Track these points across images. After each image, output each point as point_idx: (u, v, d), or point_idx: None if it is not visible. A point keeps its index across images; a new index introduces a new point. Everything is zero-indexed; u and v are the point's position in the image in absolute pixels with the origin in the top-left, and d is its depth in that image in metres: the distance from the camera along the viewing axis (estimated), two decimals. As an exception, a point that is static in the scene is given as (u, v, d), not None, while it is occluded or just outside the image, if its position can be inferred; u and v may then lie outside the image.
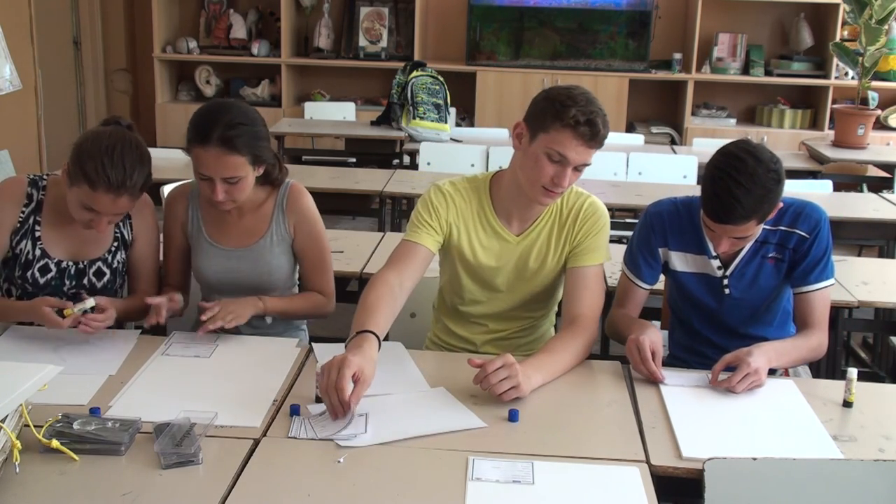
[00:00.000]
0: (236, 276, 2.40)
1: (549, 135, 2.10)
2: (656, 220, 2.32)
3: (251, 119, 2.25)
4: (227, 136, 2.17)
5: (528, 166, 2.15)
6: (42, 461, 1.65)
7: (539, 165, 2.13)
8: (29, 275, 2.28)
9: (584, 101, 2.09)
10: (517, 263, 2.30)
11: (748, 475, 1.65)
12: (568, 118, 2.07)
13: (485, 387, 1.92)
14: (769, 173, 2.04)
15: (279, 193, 2.42)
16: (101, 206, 2.14)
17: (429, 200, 2.28)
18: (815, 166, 5.18)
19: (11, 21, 5.18)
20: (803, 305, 2.26)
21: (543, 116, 2.11)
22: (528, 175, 2.16)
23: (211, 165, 2.20)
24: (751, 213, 2.05)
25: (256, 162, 2.26)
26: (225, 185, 2.22)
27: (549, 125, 2.10)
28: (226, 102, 2.29)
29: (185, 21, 7.19)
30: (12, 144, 5.18)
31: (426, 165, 4.91)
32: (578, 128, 2.07)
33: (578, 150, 2.10)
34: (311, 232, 2.43)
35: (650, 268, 2.34)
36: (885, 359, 3.70)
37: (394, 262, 2.21)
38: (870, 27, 5.18)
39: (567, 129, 2.08)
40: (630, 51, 6.72)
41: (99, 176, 2.09)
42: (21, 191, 2.29)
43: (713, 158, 2.12)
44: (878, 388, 2.22)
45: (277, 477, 1.64)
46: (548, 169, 2.12)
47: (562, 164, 2.11)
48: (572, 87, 2.15)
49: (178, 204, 2.43)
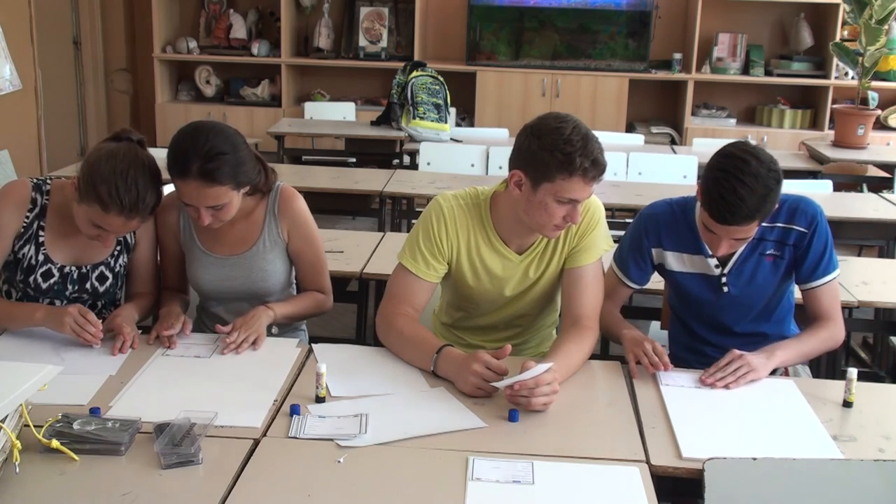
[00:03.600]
0: (232, 283, 2.39)
1: (556, 184, 2.03)
2: (650, 223, 2.32)
3: (232, 146, 2.17)
4: (207, 169, 2.12)
5: (537, 212, 2.09)
6: (42, 461, 1.65)
7: (549, 211, 2.07)
8: (31, 279, 2.27)
9: (580, 141, 2.01)
10: (520, 277, 2.27)
11: (748, 475, 1.65)
12: (575, 169, 2.01)
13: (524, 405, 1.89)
14: (770, 173, 2.05)
15: (270, 198, 2.39)
16: (111, 227, 2.15)
17: (430, 228, 2.21)
18: (815, 166, 5.18)
19: (11, 21, 5.18)
20: (813, 300, 2.28)
21: (546, 168, 2.03)
22: (538, 220, 2.11)
23: (193, 197, 2.17)
24: (755, 213, 2.06)
25: (240, 186, 2.22)
26: (210, 211, 2.20)
27: (554, 176, 2.02)
28: (202, 128, 2.18)
29: (185, 21, 7.18)
30: (12, 144, 5.18)
31: (426, 165, 4.90)
32: (587, 173, 2.02)
33: (587, 190, 2.06)
34: (306, 234, 2.42)
35: (639, 269, 2.36)
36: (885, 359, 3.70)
37: (405, 296, 2.21)
38: (870, 27, 5.18)
39: (576, 177, 2.02)
40: (630, 51, 6.72)
41: (112, 200, 2.09)
42: (25, 195, 2.27)
43: (714, 160, 2.11)
44: (878, 388, 2.22)
45: (277, 477, 1.64)
46: (559, 212, 2.07)
47: (572, 203, 2.07)
48: (560, 124, 2.04)
49: (170, 214, 2.39)
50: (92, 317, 2.14)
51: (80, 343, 2.13)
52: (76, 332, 2.11)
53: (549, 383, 1.89)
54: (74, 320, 2.12)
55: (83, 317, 2.13)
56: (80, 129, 6.98)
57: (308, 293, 2.46)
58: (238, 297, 2.40)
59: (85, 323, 2.12)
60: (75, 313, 2.13)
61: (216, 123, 2.24)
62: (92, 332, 2.12)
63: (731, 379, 2.06)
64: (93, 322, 2.13)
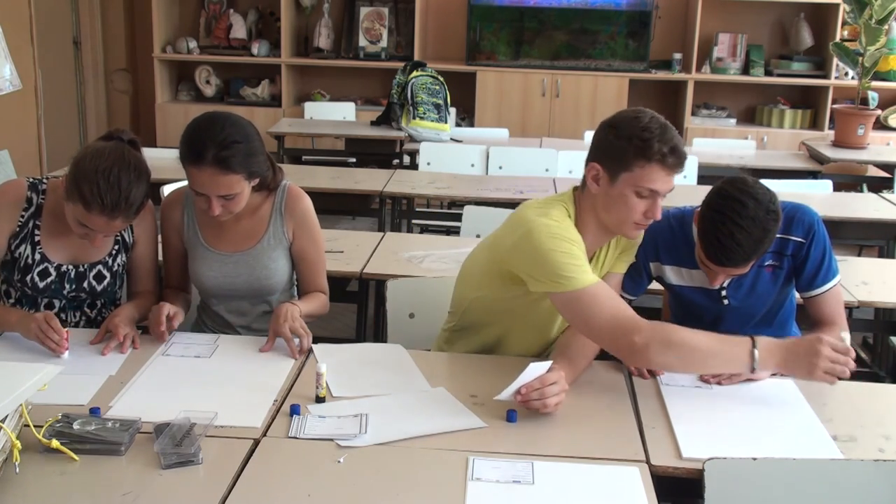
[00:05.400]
0: (234, 280, 2.39)
1: (634, 173, 2.00)
2: (647, 237, 2.29)
3: (245, 135, 2.20)
4: (221, 157, 2.14)
5: (616, 207, 2.05)
6: (42, 461, 1.65)
7: (629, 205, 2.03)
8: (28, 279, 2.27)
9: (658, 129, 2.00)
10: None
11: (748, 475, 1.65)
12: (653, 154, 1.98)
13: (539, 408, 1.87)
14: (769, 214, 2.03)
15: (276, 196, 2.40)
16: (95, 226, 2.14)
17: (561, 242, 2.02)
18: (815, 166, 5.17)
19: (11, 21, 5.19)
20: (815, 307, 2.27)
21: (623, 155, 2.01)
22: (617, 215, 2.07)
23: (206, 185, 2.18)
24: (751, 256, 2.06)
25: (252, 177, 2.24)
26: (221, 200, 2.21)
27: (632, 164, 2.00)
28: (218, 117, 2.22)
29: (185, 21, 7.18)
30: (12, 144, 5.18)
31: (426, 165, 4.90)
32: (666, 160, 1.99)
33: (667, 181, 2.03)
34: (312, 235, 2.43)
35: (633, 282, 2.35)
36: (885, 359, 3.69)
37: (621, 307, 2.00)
38: (870, 27, 5.18)
39: (654, 164, 1.99)
40: (630, 51, 6.72)
41: (94, 198, 2.08)
42: (21, 194, 2.28)
43: (711, 200, 2.09)
44: (878, 388, 2.22)
45: (277, 477, 1.64)
46: (639, 206, 2.04)
47: (651, 196, 2.04)
48: (638, 114, 2.03)
49: (174, 210, 2.40)
50: (56, 324, 2.10)
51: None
52: (40, 339, 2.09)
53: (556, 382, 1.88)
54: (39, 327, 2.09)
55: (48, 323, 2.09)
56: (80, 129, 6.97)
57: (314, 294, 2.45)
58: (240, 296, 2.40)
59: (48, 330, 2.09)
60: (40, 319, 2.10)
61: (231, 114, 2.27)
62: (55, 340, 2.08)
63: (729, 377, 2.06)
64: (57, 329, 2.09)
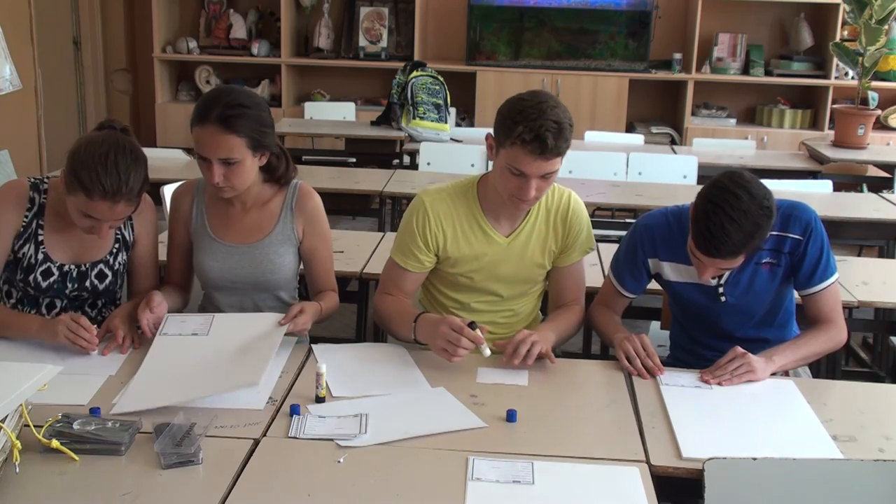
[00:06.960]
0: (238, 272, 2.38)
1: (507, 150, 2.13)
2: (646, 234, 2.32)
3: (254, 103, 2.24)
4: (225, 115, 2.17)
5: (498, 178, 2.22)
6: (42, 461, 1.65)
7: (504, 178, 2.17)
8: (31, 279, 2.27)
9: (534, 114, 2.08)
10: (506, 262, 2.33)
11: (748, 475, 1.65)
12: (515, 136, 2.08)
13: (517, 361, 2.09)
14: (762, 210, 2.03)
15: (288, 193, 2.40)
16: (99, 214, 2.13)
17: (415, 225, 2.30)
18: (815, 166, 5.17)
19: (11, 21, 5.19)
20: (813, 305, 2.27)
21: (498, 132, 2.16)
22: (499, 186, 2.22)
23: (207, 144, 2.19)
24: (740, 249, 2.05)
25: (256, 147, 2.23)
26: (222, 167, 2.20)
27: (504, 142, 2.13)
28: (231, 87, 2.31)
29: (185, 21, 7.18)
30: (12, 144, 5.18)
31: (426, 165, 4.90)
32: (526, 145, 2.08)
33: (533, 165, 2.10)
34: (322, 233, 2.43)
35: (634, 279, 2.37)
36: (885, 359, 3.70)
37: (394, 284, 2.37)
38: (870, 27, 5.18)
39: (516, 146, 2.09)
40: (630, 51, 6.72)
41: (94, 184, 2.08)
42: (24, 194, 2.27)
43: (707, 191, 2.09)
44: (878, 388, 2.22)
45: (277, 477, 1.64)
46: (511, 182, 2.16)
47: (522, 177, 2.13)
48: (528, 97, 2.14)
49: (184, 199, 2.42)
50: (85, 322, 2.11)
51: (77, 351, 2.11)
52: (70, 339, 2.09)
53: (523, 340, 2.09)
54: (67, 327, 2.09)
55: (76, 322, 2.10)
56: (80, 130, 6.97)
57: (328, 293, 2.45)
58: (242, 289, 2.40)
59: (78, 328, 2.09)
60: (68, 321, 2.10)
61: (244, 87, 2.31)
62: (87, 338, 2.09)
63: (729, 377, 2.07)
64: (86, 327, 2.10)
